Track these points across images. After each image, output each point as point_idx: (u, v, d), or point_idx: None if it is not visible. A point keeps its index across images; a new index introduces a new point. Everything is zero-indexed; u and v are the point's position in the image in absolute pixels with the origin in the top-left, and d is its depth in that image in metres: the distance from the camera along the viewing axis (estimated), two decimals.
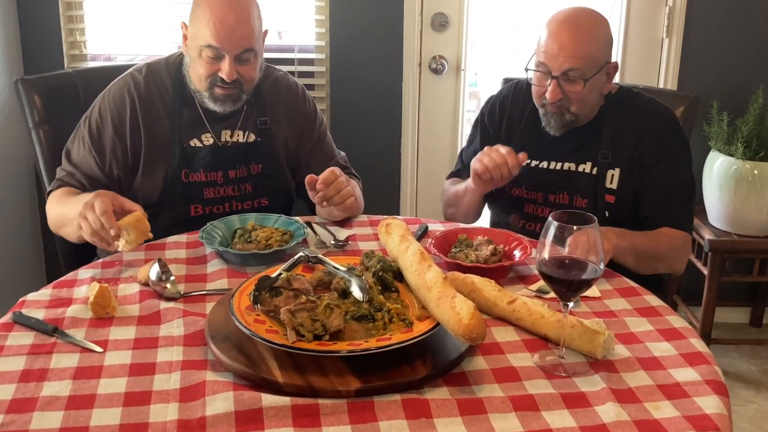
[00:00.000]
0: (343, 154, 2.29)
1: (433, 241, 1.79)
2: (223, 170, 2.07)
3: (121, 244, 1.71)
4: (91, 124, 2.05)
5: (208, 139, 2.07)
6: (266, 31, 2.08)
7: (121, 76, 2.10)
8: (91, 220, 1.70)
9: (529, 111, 2.11)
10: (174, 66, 2.09)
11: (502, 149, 1.93)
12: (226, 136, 2.09)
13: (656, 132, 2.02)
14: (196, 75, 2.01)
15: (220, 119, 2.08)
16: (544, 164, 2.08)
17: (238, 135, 2.10)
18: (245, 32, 1.95)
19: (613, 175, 2.02)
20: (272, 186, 2.13)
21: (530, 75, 2.01)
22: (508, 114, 2.16)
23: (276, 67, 2.26)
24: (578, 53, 1.91)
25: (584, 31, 1.93)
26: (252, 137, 2.11)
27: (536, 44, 1.99)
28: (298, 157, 2.20)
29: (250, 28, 1.96)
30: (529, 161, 2.07)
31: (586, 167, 2.04)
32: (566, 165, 2.06)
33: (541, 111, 2.03)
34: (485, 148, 1.98)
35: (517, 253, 1.77)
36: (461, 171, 2.24)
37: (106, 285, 1.53)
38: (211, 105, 2.03)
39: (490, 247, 1.74)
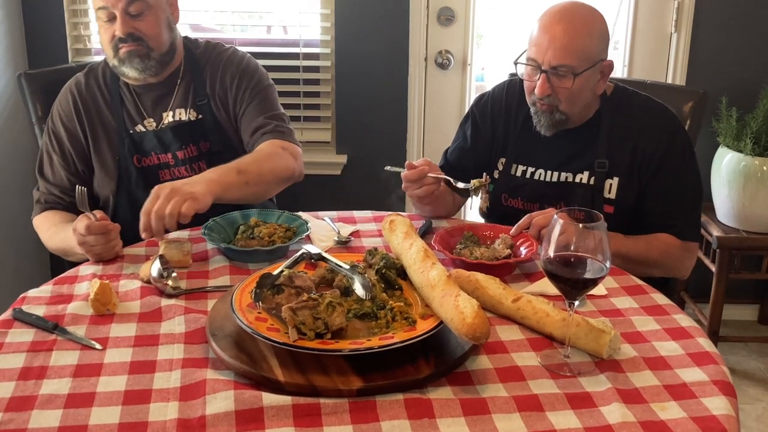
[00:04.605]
0: (280, 112, 2.20)
1: (437, 237, 1.78)
2: (172, 151, 2.11)
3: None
4: (50, 132, 2.14)
5: (150, 124, 2.13)
6: None
7: None
8: (90, 242, 1.71)
9: (523, 116, 2.04)
10: None
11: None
12: (167, 117, 2.13)
13: (653, 138, 1.93)
14: (104, 48, 2.05)
15: (157, 101, 2.12)
16: (541, 174, 2.02)
17: (179, 114, 2.14)
18: None
19: (611, 184, 1.95)
20: (227, 162, 2.02)
21: (520, 70, 1.95)
22: (504, 119, 2.09)
23: (228, 45, 2.25)
24: (569, 47, 1.85)
25: (577, 24, 1.87)
26: (194, 115, 2.14)
27: (528, 38, 1.93)
28: (238, 122, 2.18)
29: None
30: (524, 167, 2.04)
31: (584, 177, 1.97)
32: (563, 175, 2.00)
33: (532, 109, 1.97)
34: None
35: (523, 250, 1.75)
36: (443, 168, 2.19)
37: (107, 281, 1.52)
38: (127, 71, 2.05)
39: (507, 250, 1.72)
